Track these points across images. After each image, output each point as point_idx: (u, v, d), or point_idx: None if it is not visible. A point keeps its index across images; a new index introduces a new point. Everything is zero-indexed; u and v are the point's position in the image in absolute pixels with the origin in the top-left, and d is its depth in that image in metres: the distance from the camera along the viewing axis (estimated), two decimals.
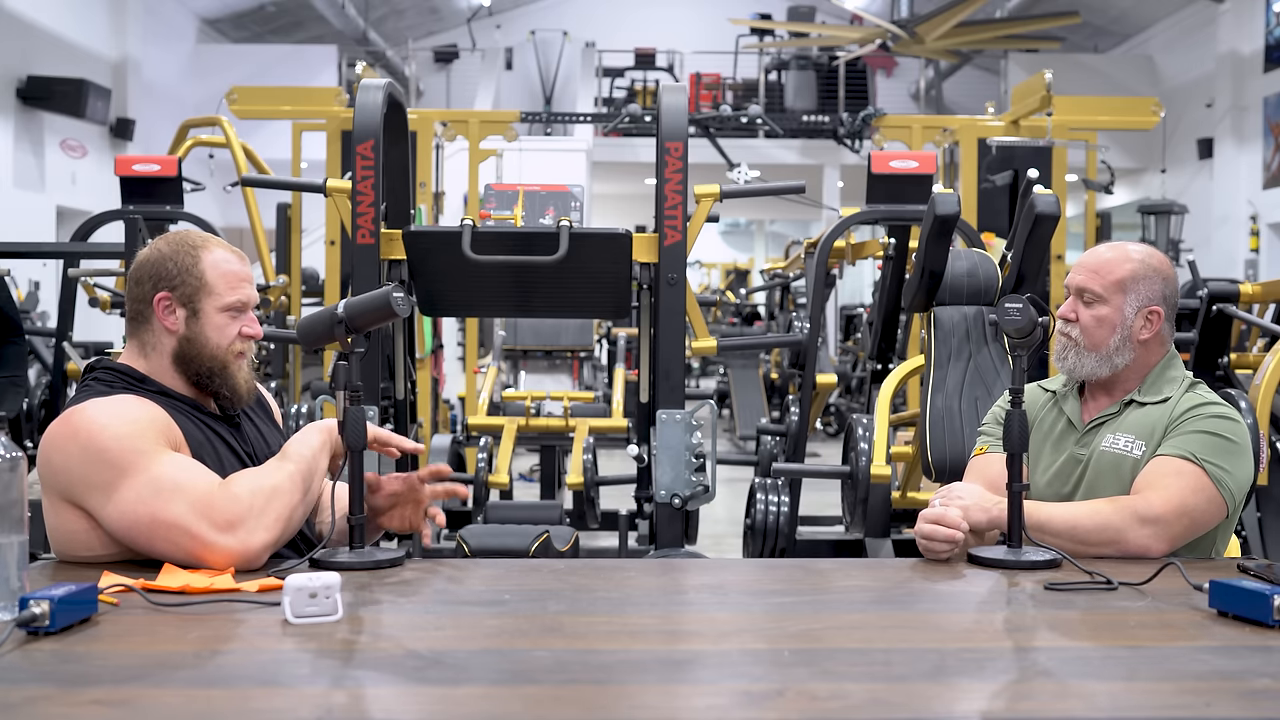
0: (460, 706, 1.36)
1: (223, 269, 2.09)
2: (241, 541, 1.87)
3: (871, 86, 16.07)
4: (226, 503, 1.88)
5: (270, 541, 1.91)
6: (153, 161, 5.85)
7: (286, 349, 7.64)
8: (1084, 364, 2.31)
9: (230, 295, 2.09)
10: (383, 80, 4.19)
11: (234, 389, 2.11)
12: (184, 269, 2.07)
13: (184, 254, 2.08)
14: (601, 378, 9.65)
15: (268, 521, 1.90)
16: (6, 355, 5.26)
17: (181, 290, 2.06)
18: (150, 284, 2.07)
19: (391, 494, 2.20)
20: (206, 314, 2.07)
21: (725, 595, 1.94)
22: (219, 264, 2.09)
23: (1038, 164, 6.58)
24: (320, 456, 2.02)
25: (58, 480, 1.94)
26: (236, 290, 2.09)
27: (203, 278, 2.07)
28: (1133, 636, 1.64)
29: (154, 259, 2.08)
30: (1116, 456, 2.25)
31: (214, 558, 1.87)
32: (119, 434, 1.91)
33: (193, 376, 2.10)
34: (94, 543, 1.95)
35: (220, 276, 2.08)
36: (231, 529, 1.87)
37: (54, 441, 1.95)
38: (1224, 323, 5.25)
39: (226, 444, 2.11)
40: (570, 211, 5.94)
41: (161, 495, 1.87)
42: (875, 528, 4.75)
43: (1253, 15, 13.38)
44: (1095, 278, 2.29)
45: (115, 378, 2.07)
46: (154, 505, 1.87)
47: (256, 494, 1.91)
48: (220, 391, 2.11)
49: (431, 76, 17.85)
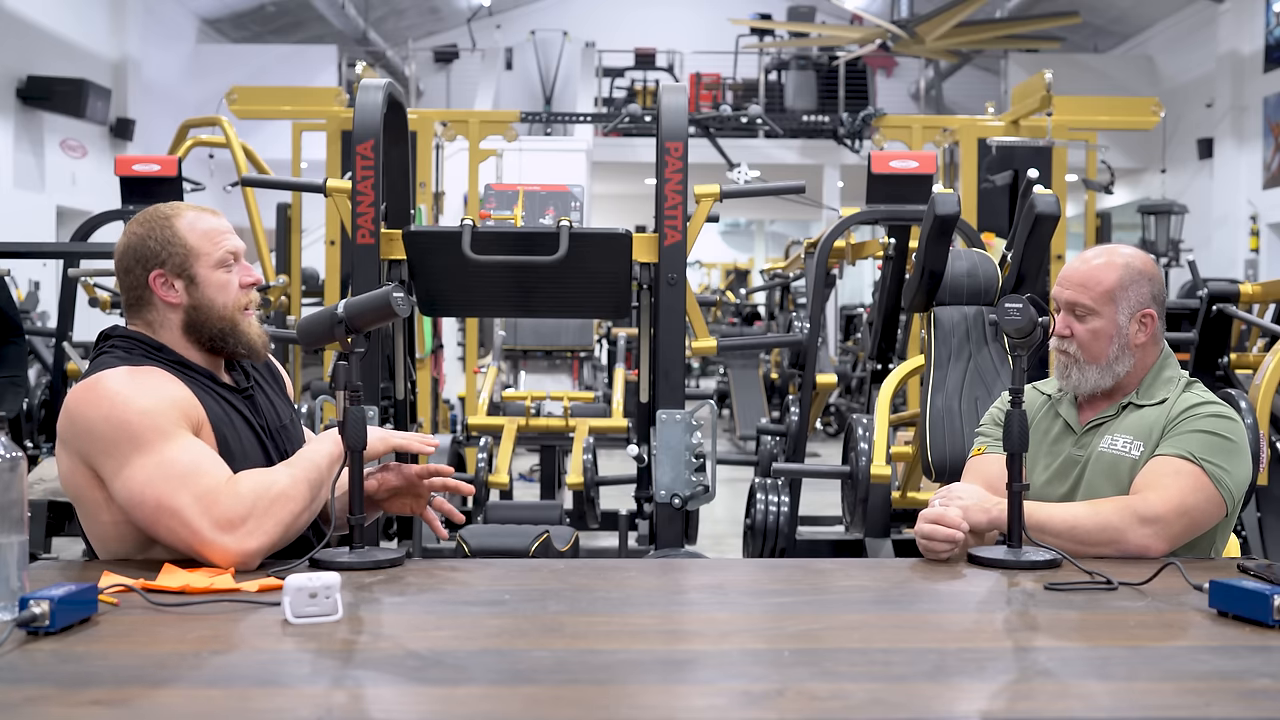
0: (460, 706, 1.36)
1: (200, 228, 2.11)
2: (238, 542, 1.88)
3: (871, 86, 16.05)
4: (230, 501, 1.89)
5: (267, 546, 1.91)
6: (153, 161, 5.85)
7: (286, 349, 7.64)
8: (1088, 378, 2.30)
9: (217, 250, 2.10)
10: (383, 80, 4.19)
11: (249, 344, 2.13)
12: (165, 241, 2.08)
13: (159, 228, 2.09)
14: (601, 378, 9.64)
15: (267, 526, 1.90)
16: (6, 355, 5.26)
17: (171, 262, 2.08)
18: (140, 268, 2.09)
19: (390, 489, 2.21)
20: (203, 277, 2.09)
21: (725, 595, 1.94)
22: (195, 225, 2.11)
23: (1038, 164, 6.59)
24: (331, 468, 2.02)
25: (79, 442, 1.96)
26: (221, 243, 2.11)
27: (185, 243, 2.09)
28: (1133, 636, 1.64)
29: (133, 244, 2.10)
30: (1115, 457, 2.25)
31: (209, 554, 1.88)
32: (143, 408, 1.93)
33: (206, 343, 2.11)
34: (100, 501, 1.98)
35: (201, 236, 2.10)
36: (230, 529, 1.88)
37: (78, 405, 1.96)
38: (1224, 323, 5.25)
39: (243, 416, 2.12)
40: (570, 211, 5.95)
41: (170, 481, 1.88)
42: (875, 528, 4.75)
43: (1253, 15, 13.38)
44: (1084, 291, 2.28)
45: (133, 345, 2.08)
46: (161, 489, 1.88)
47: (261, 497, 1.91)
48: (236, 350, 2.13)
49: (431, 76, 17.85)
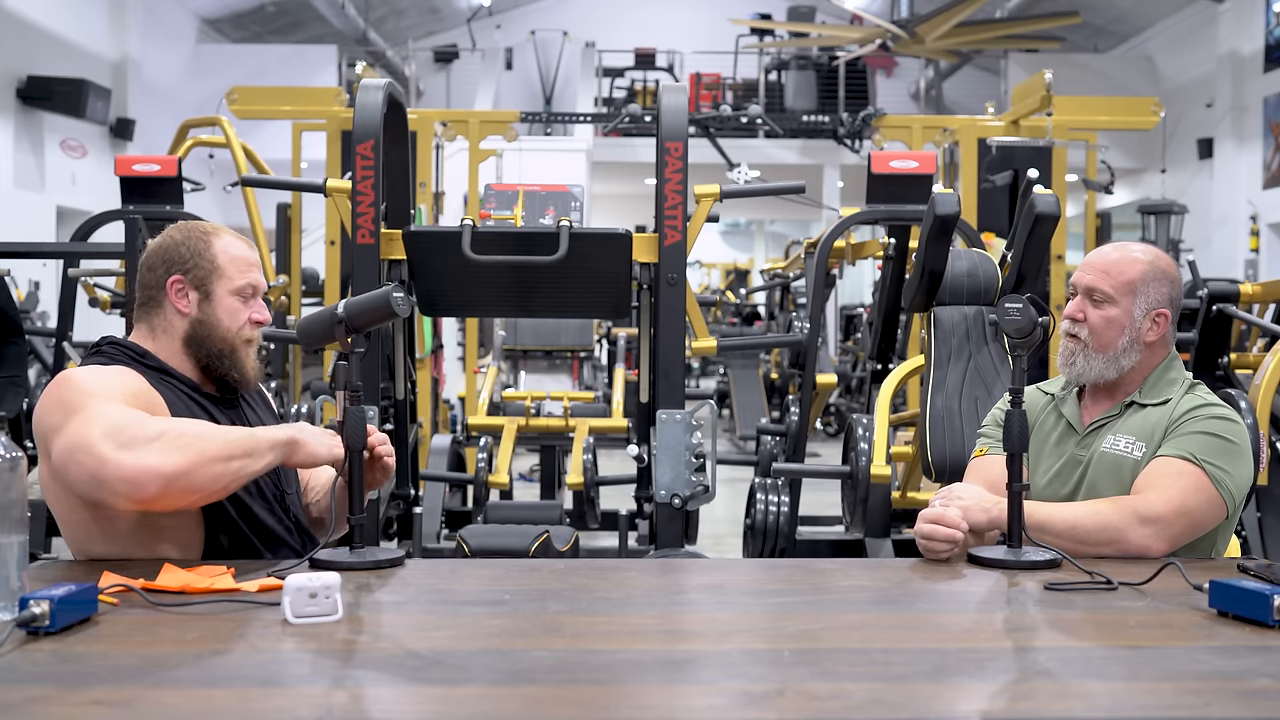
0: (460, 706, 1.36)
1: (233, 253, 2.16)
2: (135, 458, 1.81)
3: (871, 86, 16.05)
4: (141, 427, 1.86)
5: (165, 470, 1.82)
6: (153, 161, 5.84)
7: (286, 349, 7.64)
8: (1092, 367, 2.29)
9: (241, 279, 2.15)
10: (383, 80, 4.19)
11: (243, 372, 2.16)
12: (196, 253, 2.13)
13: (196, 239, 2.15)
14: (601, 378, 9.64)
15: (172, 454, 1.83)
16: (6, 355, 5.25)
17: (194, 273, 2.12)
18: (163, 268, 2.13)
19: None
20: (218, 297, 2.13)
21: (725, 595, 1.94)
22: (229, 248, 2.16)
23: (1038, 164, 6.59)
24: (272, 451, 1.95)
25: (38, 436, 1.98)
26: (246, 274, 2.16)
27: (215, 261, 2.14)
28: (1133, 636, 1.64)
29: (167, 245, 2.15)
30: (1117, 458, 2.25)
31: (105, 475, 1.81)
32: (85, 382, 1.95)
33: (202, 359, 2.13)
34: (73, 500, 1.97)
35: (231, 260, 2.15)
36: (130, 448, 1.82)
37: (39, 406, 1.99)
38: (1224, 323, 5.25)
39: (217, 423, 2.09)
40: (570, 211, 5.94)
41: (88, 424, 1.86)
42: (875, 528, 4.75)
43: (1253, 15, 13.38)
44: (1105, 278, 2.28)
45: (118, 351, 2.11)
46: (77, 432, 1.86)
47: (173, 430, 1.88)
48: (229, 375, 2.14)
49: (431, 76, 17.85)
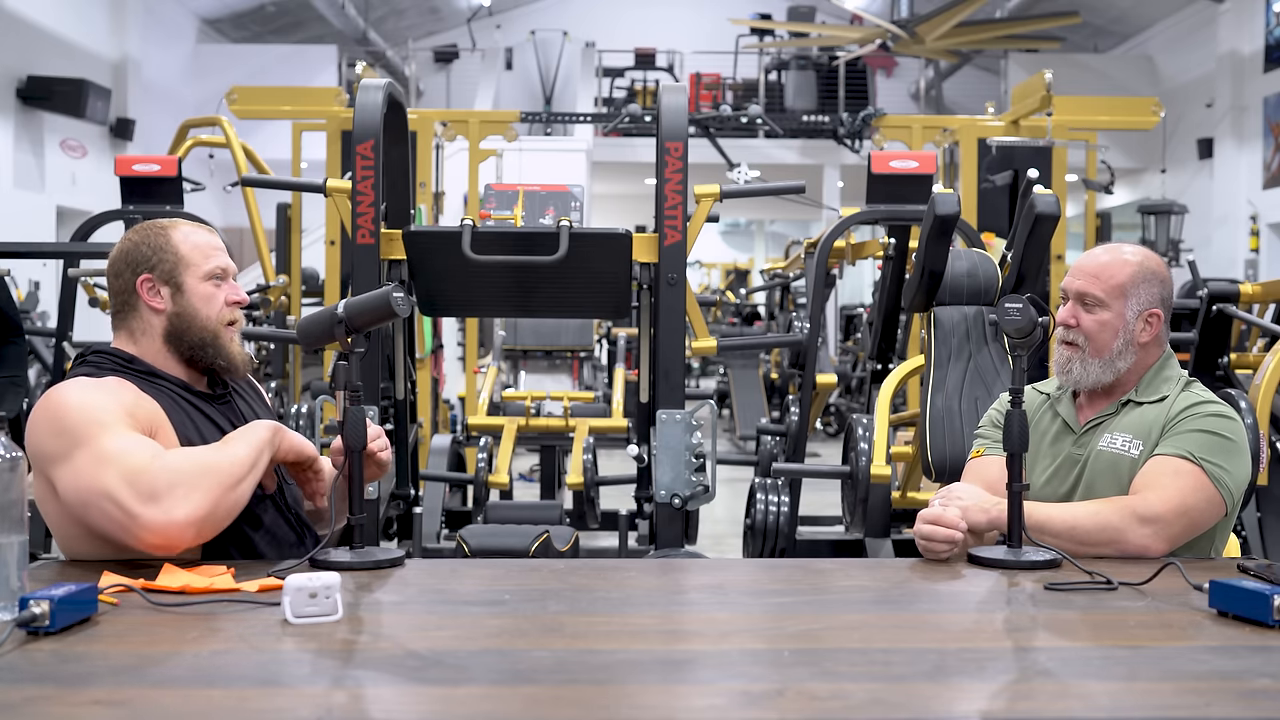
0: (460, 706, 1.36)
1: (194, 241, 2.16)
2: (165, 513, 1.83)
3: (871, 86, 16.05)
4: (157, 473, 1.86)
5: (195, 517, 1.85)
6: (153, 161, 5.85)
7: (286, 349, 7.64)
8: (1089, 373, 2.30)
9: (207, 264, 2.14)
10: (383, 80, 4.19)
11: (229, 358, 2.15)
12: (157, 248, 2.13)
13: (154, 236, 2.15)
14: (601, 378, 9.64)
15: (195, 497, 1.85)
16: (6, 355, 5.25)
17: (160, 269, 2.12)
18: (129, 271, 2.13)
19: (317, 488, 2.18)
20: (190, 287, 2.12)
21: (725, 595, 1.94)
22: (189, 237, 2.16)
23: (1038, 164, 6.59)
24: (265, 451, 1.99)
25: (34, 458, 1.96)
26: (212, 258, 2.15)
27: (178, 252, 2.13)
28: (1133, 636, 1.64)
29: (127, 248, 2.15)
30: (1114, 456, 2.25)
31: (138, 529, 1.83)
32: (82, 405, 1.94)
33: (186, 353, 2.13)
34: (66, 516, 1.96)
35: (194, 248, 2.15)
36: (155, 500, 1.84)
37: (31, 421, 1.98)
38: (1224, 323, 5.25)
39: (213, 422, 2.11)
40: (570, 211, 5.94)
41: (100, 466, 1.86)
42: (875, 528, 4.75)
43: (1253, 15, 13.38)
44: (1096, 282, 2.29)
45: (104, 360, 2.10)
46: (92, 475, 1.86)
47: (187, 468, 1.88)
48: (215, 364, 2.14)
49: (431, 76, 17.84)
